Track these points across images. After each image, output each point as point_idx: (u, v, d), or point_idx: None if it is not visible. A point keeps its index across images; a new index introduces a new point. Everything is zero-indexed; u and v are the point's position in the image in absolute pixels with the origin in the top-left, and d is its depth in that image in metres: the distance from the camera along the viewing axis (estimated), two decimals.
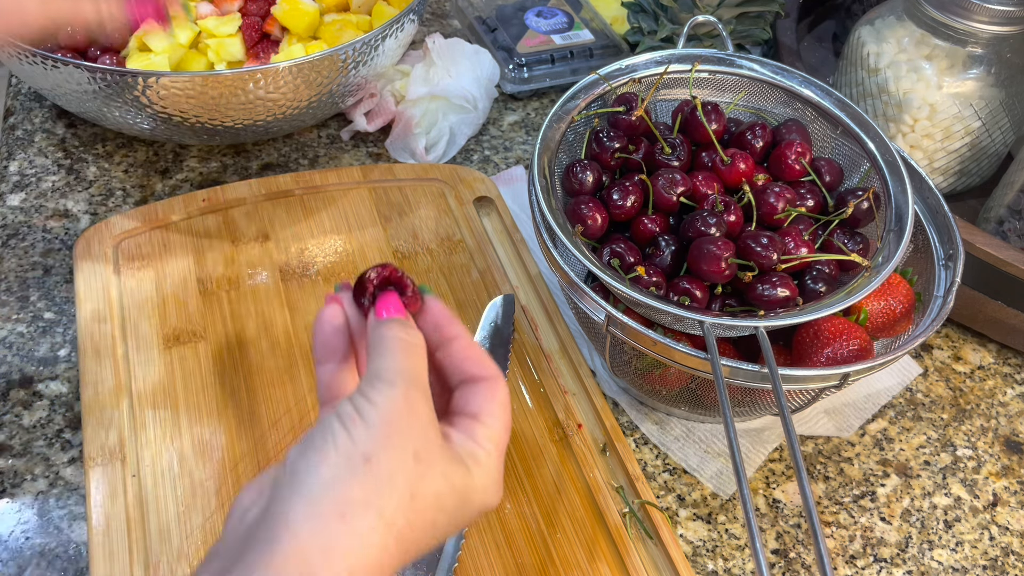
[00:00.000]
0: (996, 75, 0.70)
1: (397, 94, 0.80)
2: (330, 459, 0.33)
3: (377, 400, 0.35)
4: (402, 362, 0.37)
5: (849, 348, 0.52)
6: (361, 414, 0.35)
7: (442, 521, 0.36)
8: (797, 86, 0.63)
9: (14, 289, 0.66)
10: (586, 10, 0.94)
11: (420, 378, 0.37)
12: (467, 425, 0.38)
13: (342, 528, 0.32)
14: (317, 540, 0.31)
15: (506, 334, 0.63)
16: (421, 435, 0.35)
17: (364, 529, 0.32)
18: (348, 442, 0.34)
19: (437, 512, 0.35)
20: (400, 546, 0.34)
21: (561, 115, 0.60)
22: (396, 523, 0.33)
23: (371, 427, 0.34)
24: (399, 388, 0.36)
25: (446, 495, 0.35)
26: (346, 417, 0.35)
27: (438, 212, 0.72)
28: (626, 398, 0.63)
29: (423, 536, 0.35)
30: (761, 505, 0.58)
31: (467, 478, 0.36)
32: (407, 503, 0.34)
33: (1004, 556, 0.57)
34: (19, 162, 0.76)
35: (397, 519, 0.33)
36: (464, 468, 0.37)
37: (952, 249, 0.57)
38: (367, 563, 0.32)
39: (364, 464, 0.33)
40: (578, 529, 0.54)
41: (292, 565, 0.31)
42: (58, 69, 0.66)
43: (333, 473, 0.33)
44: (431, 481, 0.35)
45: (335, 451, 0.34)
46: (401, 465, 0.34)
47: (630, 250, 0.55)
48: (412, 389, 0.36)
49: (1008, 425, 0.64)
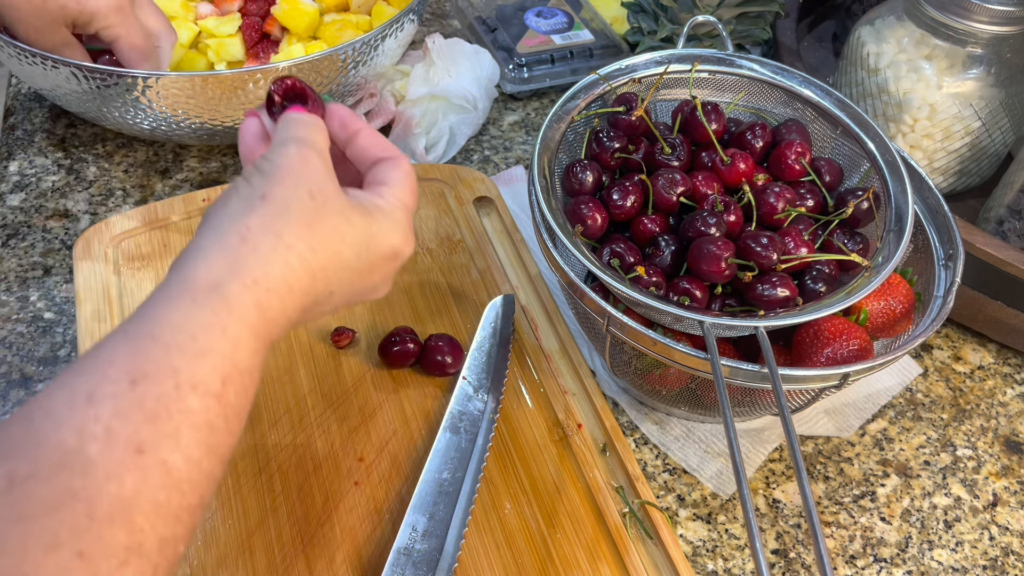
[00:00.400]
0: (996, 75, 0.70)
1: (397, 94, 0.80)
2: (232, 202, 0.38)
3: (273, 156, 0.40)
4: (297, 131, 0.42)
5: (849, 348, 0.52)
6: (259, 167, 0.40)
7: (348, 255, 0.40)
8: (797, 86, 0.63)
9: (14, 289, 0.66)
10: (586, 10, 0.94)
11: (315, 143, 0.41)
12: (373, 188, 0.44)
13: (244, 248, 0.36)
14: (223, 260, 0.36)
15: (506, 334, 0.63)
16: (315, 179, 0.40)
17: (265, 249, 0.36)
18: (247, 187, 0.39)
19: (339, 244, 0.39)
20: (305, 267, 0.37)
21: (561, 115, 0.60)
22: (296, 246, 0.37)
23: (266, 174, 0.39)
24: (293, 146, 0.40)
25: (346, 230, 0.40)
26: (247, 173, 0.40)
27: (438, 212, 0.72)
28: (626, 398, 0.63)
29: (331, 264, 0.39)
30: (761, 505, 0.58)
31: (368, 220, 0.41)
32: (304, 230, 0.38)
33: (1004, 556, 0.57)
34: (19, 162, 0.76)
35: (297, 243, 0.37)
36: (365, 213, 0.41)
37: (952, 249, 0.57)
38: (270, 275, 0.36)
39: (260, 200, 0.38)
40: (578, 529, 0.54)
41: (203, 280, 0.35)
42: (58, 69, 0.66)
43: (234, 209, 0.37)
44: (328, 216, 0.39)
45: (236, 195, 0.38)
46: (295, 199, 0.38)
47: (630, 250, 0.55)
48: (306, 148, 0.41)
49: (1008, 425, 0.64)
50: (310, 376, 0.60)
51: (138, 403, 0.31)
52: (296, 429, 0.57)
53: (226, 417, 0.33)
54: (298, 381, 0.59)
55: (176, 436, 0.31)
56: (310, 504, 0.53)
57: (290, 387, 0.59)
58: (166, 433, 0.31)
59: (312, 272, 0.38)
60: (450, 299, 0.66)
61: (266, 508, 0.53)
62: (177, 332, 0.33)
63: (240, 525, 0.52)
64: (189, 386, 0.32)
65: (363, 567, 0.51)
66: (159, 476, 0.30)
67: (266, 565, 0.50)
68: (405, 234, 0.44)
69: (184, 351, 0.33)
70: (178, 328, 0.33)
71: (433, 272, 0.68)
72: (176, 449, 0.31)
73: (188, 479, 0.31)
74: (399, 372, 0.61)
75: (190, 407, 0.32)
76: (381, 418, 0.58)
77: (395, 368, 0.61)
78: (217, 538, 0.51)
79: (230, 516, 0.52)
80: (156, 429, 0.31)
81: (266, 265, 0.36)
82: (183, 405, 0.32)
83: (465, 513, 0.52)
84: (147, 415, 0.31)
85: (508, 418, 0.59)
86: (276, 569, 0.50)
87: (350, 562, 0.51)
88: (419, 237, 0.70)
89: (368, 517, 0.53)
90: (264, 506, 0.53)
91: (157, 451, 0.30)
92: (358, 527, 0.52)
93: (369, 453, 0.56)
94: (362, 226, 0.41)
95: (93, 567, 0.28)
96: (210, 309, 0.34)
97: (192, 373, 0.32)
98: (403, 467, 0.55)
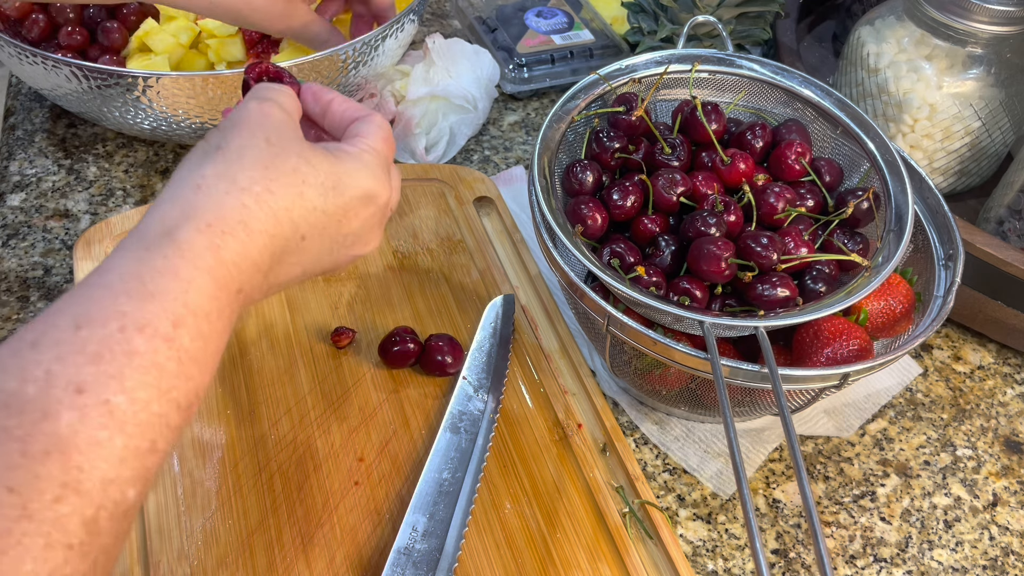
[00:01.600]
0: (996, 75, 0.70)
1: (397, 94, 0.80)
2: (191, 157, 0.39)
3: (233, 113, 0.41)
4: (260, 92, 0.42)
5: (849, 348, 0.52)
6: (219, 125, 0.41)
7: (312, 196, 0.40)
8: (797, 86, 0.63)
9: (14, 289, 0.66)
10: (586, 10, 0.94)
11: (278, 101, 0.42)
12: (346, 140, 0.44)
13: (198, 196, 0.36)
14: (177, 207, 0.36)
15: (506, 334, 0.63)
16: (273, 127, 0.40)
17: (218, 193, 0.37)
18: (205, 143, 0.39)
19: (300, 184, 0.39)
20: (263, 207, 0.37)
21: (561, 115, 0.60)
22: (252, 188, 0.37)
23: (224, 128, 0.40)
24: (253, 102, 0.41)
25: (307, 171, 0.40)
26: (209, 132, 0.40)
27: (438, 212, 0.72)
28: (626, 398, 0.63)
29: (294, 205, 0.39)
30: (761, 505, 0.58)
31: (332, 162, 0.41)
32: (260, 173, 0.38)
33: (1004, 556, 0.57)
34: (19, 162, 0.76)
35: (252, 186, 0.37)
36: (329, 155, 0.41)
37: (952, 249, 0.57)
38: (225, 217, 0.36)
39: (216, 150, 0.38)
40: (578, 529, 0.54)
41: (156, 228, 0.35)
42: (58, 69, 0.66)
43: (192, 163, 0.38)
44: (286, 158, 0.39)
45: (196, 151, 0.39)
46: (251, 145, 0.39)
47: (630, 250, 0.55)
48: (266, 103, 0.41)
49: (1008, 425, 0.64)
50: (310, 376, 0.60)
51: (81, 346, 0.31)
52: (296, 429, 0.57)
53: (179, 360, 0.33)
54: (298, 381, 0.59)
55: (120, 377, 0.31)
56: (310, 504, 0.53)
57: (290, 387, 0.59)
58: (109, 374, 0.31)
59: (273, 213, 0.38)
60: (450, 299, 0.66)
61: (266, 508, 0.53)
62: (127, 279, 0.33)
63: (240, 525, 0.52)
64: (135, 328, 0.32)
65: (363, 567, 0.51)
66: (100, 415, 0.30)
67: (266, 565, 0.50)
68: (377, 177, 0.43)
69: (132, 295, 0.32)
70: (128, 275, 0.33)
71: (433, 272, 0.68)
72: (120, 391, 0.31)
73: (135, 421, 0.31)
74: (399, 372, 0.61)
75: (136, 349, 0.31)
76: (381, 418, 0.58)
77: (395, 368, 0.61)
78: (217, 538, 0.51)
79: (230, 516, 0.52)
80: (98, 370, 0.31)
81: (220, 208, 0.36)
82: (128, 347, 0.31)
83: (465, 513, 0.52)
84: (89, 357, 0.31)
85: (508, 418, 0.59)
86: (276, 569, 0.50)
87: (350, 562, 0.51)
88: (419, 237, 0.70)
89: (368, 517, 0.53)
90: (264, 506, 0.53)
91: (99, 391, 0.30)
92: (358, 527, 0.52)
93: (369, 453, 0.56)
94: (325, 167, 0.41)
95: (23, 500, 0.28)
96: (161, 254, 0.34)
97: (139, 316, 0.32)
98: (403, 467, 0.55)
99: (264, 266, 0.38)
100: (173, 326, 0.33)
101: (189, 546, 0.51)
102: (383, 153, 0.44)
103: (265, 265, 0.38)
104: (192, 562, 0.50)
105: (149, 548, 0.50)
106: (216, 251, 0.35)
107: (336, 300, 0.65)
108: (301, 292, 0.65)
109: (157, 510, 0.52)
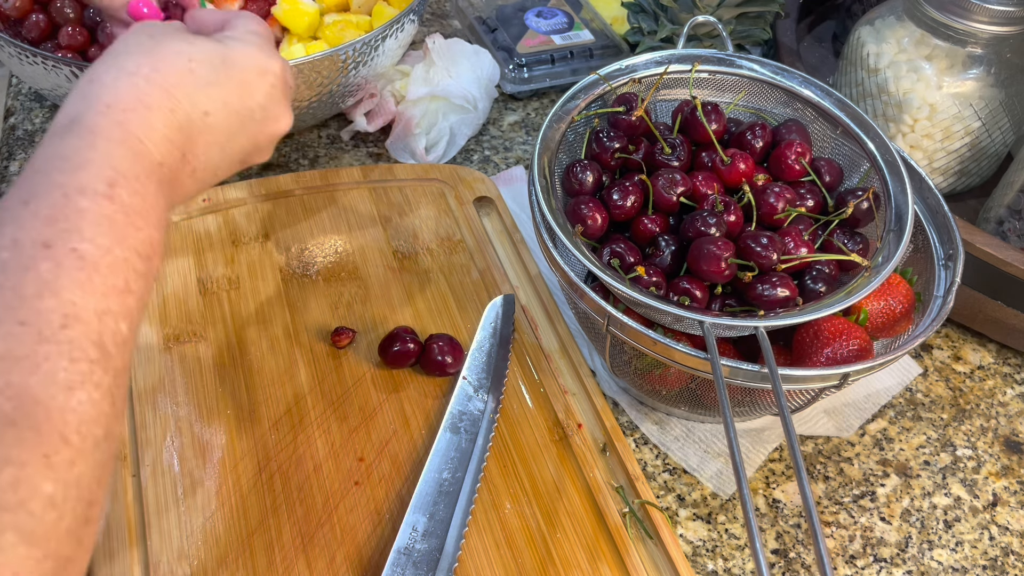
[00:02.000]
0: (996, 75, 0.70)
1: (397, 94, 0.80)
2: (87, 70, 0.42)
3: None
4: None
5: (849, 348, 0.52)
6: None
7: (202, 71, 0.43)
8: (797, 86, 0.63)
9: None
10: (586, 10, 0.94)
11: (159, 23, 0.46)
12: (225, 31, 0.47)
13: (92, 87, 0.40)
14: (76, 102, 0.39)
15: (506, 334, 0.63)
16: (155, 26, 0.44)
17: (109, 80, 0.40)
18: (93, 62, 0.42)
19: (186, 63, 0.42)
20: (154, 85, 0.40)
21: (561, 115, 0.60)
22: (139, 71, 0.40)
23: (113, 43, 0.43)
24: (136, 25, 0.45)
25: (191, 51, 0.43)
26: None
27: (438, 212, 0.72)
28: (626, 398, 0.63)
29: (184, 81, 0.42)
30: (761, 505, 0.58)
31: (215, 43, 0.44)
32: (144, 58, 0.41)
33: (1004, 556, 0.57)
34: (19, 162, 0.76)
35: (139, 69, 0.41)
36: (211, 40, 0.45)
37: (952, 249, 0.57)
38: (121, 98, 0.39)
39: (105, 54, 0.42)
40: (578, 529, 0.54)
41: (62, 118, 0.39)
42: (58, 69, 0.66)
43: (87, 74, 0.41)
44: (168, 43, 0.43)
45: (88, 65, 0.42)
46: (134, 41, 0.42)
47: (630, 250, 0.55)
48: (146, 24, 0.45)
49: (1008, 425, 0.64)
50: (310, 376, 0.60)
51: (33, 215, 0.34)
52: (296, 429, 0.57)
53: (125, 213, 0.36)
54: (298, 381, 0.59)
55: (78, 231, 0.34)
56: (310, 504, 0.53)
57: (290, 387, 0.59)
58: (67, 229, 0.34)
59: (165, 89, 0.41)
60: (450, 299, 0.66)
61: (266, 508, 0.53)
62: (51, 160, 0.37)
63: (240, 525, 0.52)
64: (76, 191, 0.35)
65: (363, 567, 0.51)
66: (72, 260, 0.34)
67: (266, 565, 0.50)
68: (263, 50, 0.46)
69: (62, 169, 0.36)
70: (51, 157, 0.37)
71: (433, 272, 0.68)
72: (82, 239, 0.34)
73: (104, 262, 0.35)
74: (399, 372, 0.61)
75: (82, 207, 0.35)
76: (381, 418, 0.58)
77: (395, 368, 0.61)
78: (217, 538, 0.51)
79: (230, 516, 0.52)
80: (57, 228, 0.34)
81: (115, 91, 0.39)
82: (75, 207, 0.35)
83: (465, 513, 0.52)
84: (44, 220, 0.34)
85: (508, 418, 0.59)
86: (276, 569, 0.50)
87: (350, 562, 0.51)
88: (419, 237, 0.70)
89: (368, 517, 0.53)
90: (264, 506, 0.53)
91: (64, 242, 0.34)
92: (358, 527, 0.52)
93: (369, 453, 0.56)
94: (208, 47, 0.44)
95: (36, 329, 0.32)
96: (74, 135, 0.38)
97: (75, 182, 0.36)
98: (403, 467, 0.55)
99: (177, 140, 0.41)
100: (108, 186, 0.36)
101: (189, 546, 0.51)
102: (260, 32, 0.48)
103: (177, 140, 0.41)
104: (192, 562, 0.50)
105: (149, 548, 0.50)
106: (123, 127, 0.38)
107: (336, 300, 0.65)
108: (301, 292, 0.65)
109: (157, 510, 0.52)
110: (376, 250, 0.69)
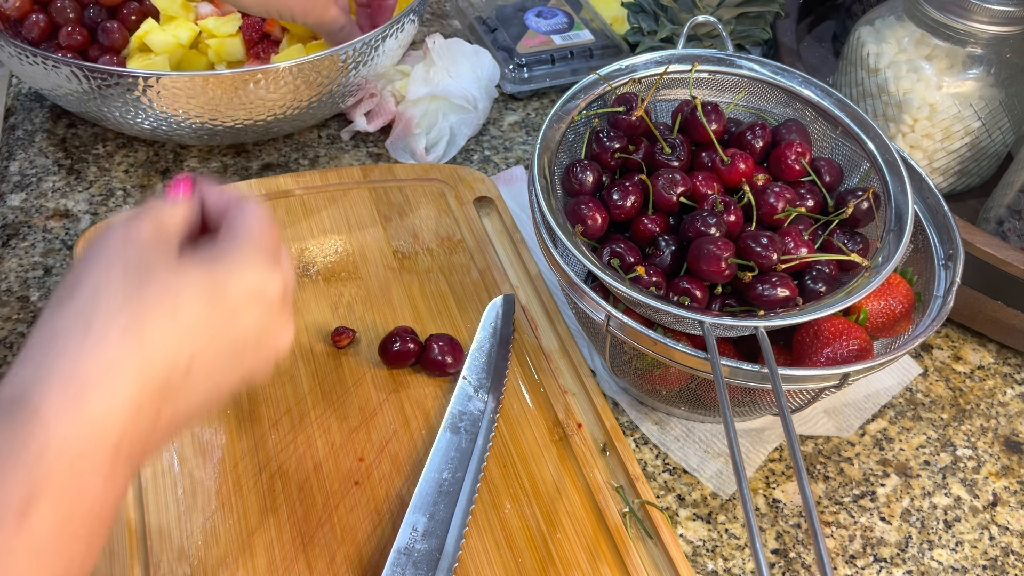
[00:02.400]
0: (996, 75, 0.70)
1: (397, 94, 0.80)
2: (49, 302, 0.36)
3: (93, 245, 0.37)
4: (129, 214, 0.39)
5: (849, 348, 0.52)
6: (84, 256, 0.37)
7: (188, 308, 0.36)
8: (797, 86, 0.63)
9: (14, 289, 0.66)
10: (586, 10, 0.94)
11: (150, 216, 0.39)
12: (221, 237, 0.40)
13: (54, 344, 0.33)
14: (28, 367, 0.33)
15: (506, 334, 0.63)
16: (133, 254, 0.36)
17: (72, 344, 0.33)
18: (61, 286, 0.36)
19: (173, 301, 0.35)
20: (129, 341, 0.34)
21: (561, 115, 0.60)
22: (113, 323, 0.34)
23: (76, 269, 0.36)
24: (117, 228, 0.38)
25: (180, 287, 0.36)
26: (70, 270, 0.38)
27: (438, 212, 0.72)
28: (626, 398, 0.63)
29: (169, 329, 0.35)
30: (761, 505, 0.58)
31: (207, 269, 0.37)
32: (124, 306, 0.34)
33: (1004, 556, 0.57)
34: (19, 162, 0.76)
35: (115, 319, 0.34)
36: (201, 263, 0.38)
37: (952, 249, 0.57)
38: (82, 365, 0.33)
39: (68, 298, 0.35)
40: (578, 529, 0.54)
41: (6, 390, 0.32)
42: (58, 69, 0.66)
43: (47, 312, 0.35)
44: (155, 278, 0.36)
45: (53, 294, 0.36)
46: (105, 282, 0.35)
47: (630, 250, 0.55)
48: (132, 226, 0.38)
49: (1008, 425, 0.64)
50: (310, 376, 0.60)
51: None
52: (296, 429, 0.57)
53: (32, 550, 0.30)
54: (298, 381, 0.59)
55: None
56: (310, 504, 0.53)
57: (290, 387, 0.59)
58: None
59: (141, 347, 0.34)
60: (450, 299, 0.66)
61: (266, 508, 0.53)
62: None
63: (240, 525, 0.52)
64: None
65: (363, 567, 0.51)
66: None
67: (266, 565, 0.50)
68: (259, 266, 0.39)
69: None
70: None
71: (433, 272, 0.68)
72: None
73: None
74: (399, 372, 0.61)
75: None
76: (381, 418, 0.58)
77: (395, 368, 0.61)
78: (217, 538, 0.51)
79: (230, 516, 0.52)
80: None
81: (77, 357, 0.33)
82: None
83: (465, 513, 0.52)
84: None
85: (508, 418, 0.59)
86: (276, 569, 0.50)
87: (350, 562, 0.51)
88: (419, 237, 0.70)
89: (368, 517, 0.53)
90: (264, 506, 0.53)
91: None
92: (358, 527, 0.52)
93: (369, 453, 0.56)
94: (196, 278, 0.37)
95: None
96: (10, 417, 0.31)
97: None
98: (403, 467, 0.55)
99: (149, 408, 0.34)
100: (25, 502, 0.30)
101: (189, 546, 0.51)
102: (258, 241, 0.40)
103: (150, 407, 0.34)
104: (192, 562, 0.50)
105: (149, 548, 0.50)
106: (76, 403, 0.32)
107: (336, 300, 0.65)
108: (301, 292, 0.65)
109: (157, 510, 0.52)
110: (376, 250, 0.69)
